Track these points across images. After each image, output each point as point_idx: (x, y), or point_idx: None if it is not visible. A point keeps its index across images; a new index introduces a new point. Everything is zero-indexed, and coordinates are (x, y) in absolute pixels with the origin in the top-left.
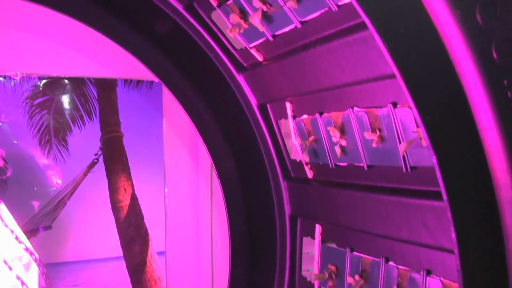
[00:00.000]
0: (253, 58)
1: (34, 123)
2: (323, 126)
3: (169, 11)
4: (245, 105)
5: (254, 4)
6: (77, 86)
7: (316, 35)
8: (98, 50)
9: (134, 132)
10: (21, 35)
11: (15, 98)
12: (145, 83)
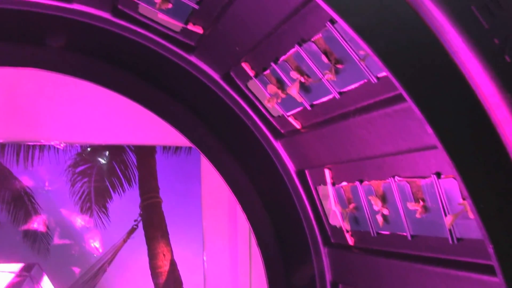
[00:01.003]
0: (290, 125)
1: (76, 190)
2: (363, 194)
3: (206, 80)
4: (283, 172)
5: (291, 75)
6: (117, 153)
7: (355, 105)
8: (137, 118)
9: (173, 198)
10: (64, 105)
11: (58, 167)
12: (183, 149)
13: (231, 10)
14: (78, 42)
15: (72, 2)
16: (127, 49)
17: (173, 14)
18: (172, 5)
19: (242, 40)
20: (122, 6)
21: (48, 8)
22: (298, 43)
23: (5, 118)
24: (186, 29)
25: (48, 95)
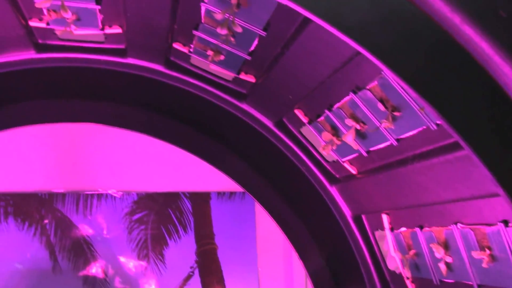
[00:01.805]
0: (346, 170)
1: (133, 237)
2: (424, 241)
3: (259, 127)
4: (339, 216)
5: (346, 122)
6: (173, 200)
7: (413, 151)
8: (191, 165)
9: (228, 243)
10: (120, 155)
11: (115, 214)
12: (237, 194)
13: (283, 60)
14: (132, 95)
15: (126, 56)
16: (180, 100)
17: (225, 65)
18: (224, 57)
19: (295, 88)
20: (175, 58)
21: (104, 64)
22: (352, 91)
23: (65, 169)
24: (238, 78)
25: (104, 146)
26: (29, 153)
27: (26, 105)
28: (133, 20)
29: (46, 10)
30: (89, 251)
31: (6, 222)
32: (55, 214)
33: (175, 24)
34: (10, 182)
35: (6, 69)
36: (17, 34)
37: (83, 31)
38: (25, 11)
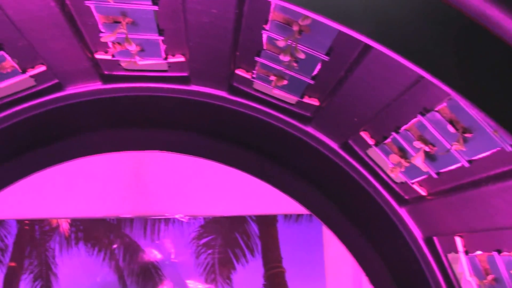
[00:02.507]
0: (415, 192)
1: (201, 262)
2: (503, 266)
3: (324, 150)
4: (409, 239)
5: (415, 145)
6: (239, 224)
7: (487, 173)
8: (257, 188)
9: (296, 266)
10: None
11: (182, 239)
12: (304, 217)
13: (348, 83)
14: (196, 122)
15: (190, 84)
16: (243, 125)
17: (288, 89)
18: (287, 82)
19: (360, 110)
20: (238, 84)
21: (168, 92)
22: (420, 113)
23: (132, 195)
24: (302, 101)
25: (171, 172)
26: (98, 179)
27: (93, 135)
28: (195, 48)
29: (111, 43)
30: (157, 275)
31: (77, 247)
32: (124, 239)
33: (237, 51)
34: (80, 208)
35: (74, 100)
36: (84, 67)
37: (147, 61)
38: (91, 45)
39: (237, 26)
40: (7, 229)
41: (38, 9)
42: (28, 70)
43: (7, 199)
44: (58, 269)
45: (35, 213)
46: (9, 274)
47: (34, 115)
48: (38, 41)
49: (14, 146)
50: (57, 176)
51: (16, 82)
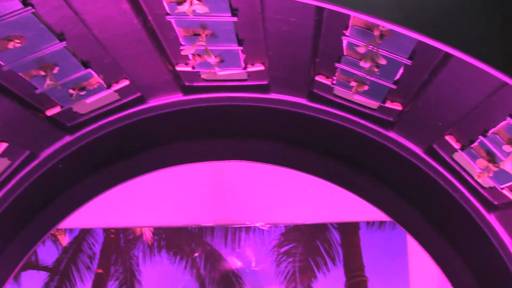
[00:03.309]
0: (505, 197)
1: (281, 270)
2: None
3: (407, 155)
4: (498, 246)
5: (504, 149)
6: (320, 232)
7: None
8: (338, 195)
9: (379, 276)
10: (266, 188)
11: (263, 247)
12: (388, 224)
13: (432, 86)
14: (276, 130)
15: (269, 92)
16: (324, 131)
17: (369, 94)
18: (368, 87)
19: (445, 114)
20: (317, 90)
21: (247, 101)
22: (510, 115)
23: (213, 203)
24: (384, 106)
25: (251, 180)
26: (180, 189)
27: (175, 146)
28: (275, 57)
29: (192, 55)
30: (238, 283)
31: (160, 255)
32: (205, 247)
33: (317, 58)
34: (162, 217)
35: (157, 112)
36: (165, 79)
37: (226, 71)
38: (172, 58)
39: (317, 33)
40: (95, 238)
41: (121, 27)
42: (112, 85)
43: (95, 209)
44: (142, 276)
45: (120, 222)
46: (96, 280)
47: (119, 128)
48: (122, 57)
49: (101, 158)
50: (140, 186)
51: (102, 97)
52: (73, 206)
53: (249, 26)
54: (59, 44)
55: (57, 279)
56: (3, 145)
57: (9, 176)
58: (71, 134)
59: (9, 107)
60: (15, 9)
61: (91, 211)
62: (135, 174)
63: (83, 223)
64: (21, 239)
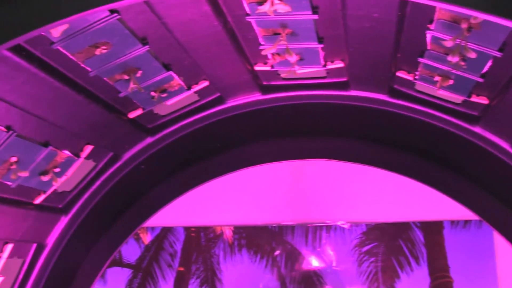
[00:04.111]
0: None
1: (363, 270)
2: None
3: (495, 150)
4: None
5: None
6: (403, 231)
7: None
8: (421, 193)
9: (465, 277)
10: (347, 186)
11: (344, 246)
12: (473, 223)
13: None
14: (355, 127)
15: (349, 89)
16: (405, 127)
17: (454, 89)
18: (453, 81)
19: None
20: (399, 86)
21: (326, 98)
22: None
23: (293, 202)
24: (469, 101)
25: (331, 178)
26: (260, 188)
27: (254, 146)
28: (355, 53)
29: (271, 55)
30: (319, 283)
31: (240, 253)
32: (285, 246)
33: (399, 53)
34: (242, 216)
35: (235, 112)
36: (244, 79)
37: (306, 69)
38: (251, 58)
39: (399, 28)
40: (176, 236)
41: (202, 29)
42: (192, 87)
43: (176, 207)
44: (223, 275)
45: (201, 221)
46: (178, 278)
47: (198, 129)
48: (202, 58)
49: (181, 158)
50: (220, 186)
51: (182, 99)
52: (156, 206)
53: (329, 24)
54: (142, 48)
55: (140, 276)
56: (88, 147)
57: (94, 178)
58: (152, 135)
59: (95, 111)
60: (102, 16)
61: (172, 210)
62: (216, 175)
63: (164, 221)
64: (106, 239)
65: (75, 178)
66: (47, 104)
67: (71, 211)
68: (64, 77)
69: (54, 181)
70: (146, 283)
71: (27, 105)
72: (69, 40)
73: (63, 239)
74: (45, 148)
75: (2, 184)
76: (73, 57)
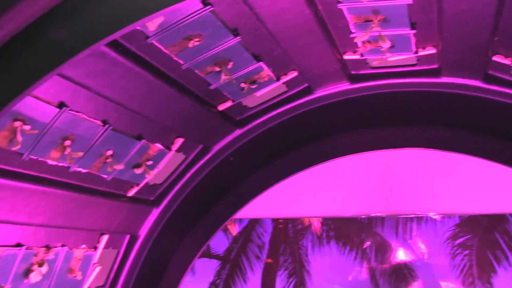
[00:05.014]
0: None
1: (456, 264)
2: None
3: None
4: None
5: None
6: (499, 223)
7: None
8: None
9: None
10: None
11: (436, 239)
12: None
13: None
14: (447, 115)
15: (440, 76)
16: (501, 114)
17: None
18: None
19: None
20: (494, 71)
21: (416, 86)
22: None
23: (383, 193)
24: None
25: (422, 168)
26: (348, 178)
27: (343, 136)
28: (449, 38)
29: (362, 43)
30: (410, 276)
31: (329, 245)
32: (375, 238)
33: (496, 36)
34: (331, 207)
35: (323, 102)
36: (332, 69)
37: (397, 56)
38: (340, 46)
39: (499, 9)
40: (264, 228)
41: (293, 18)
42: (281, 77)
43: (263, 199)
44: (311, 267)
45: (289, 213)
46: (266, 270)
47: (286, 120)
48: (292, 48)
49: (270, 150)
50: (308, 176)
51: (271, 90)
52: (245, 198)
53: (422, 9)
54: (234, 40)
55: (228, 267)
56: (179, 140)
57: (184, 170)
58: (241, 127)
59: (186, 104)
60: (196, 9)
61: (260, 201)
62: (305, 166)
63: (252, 213)
64: (197, 231)
65: (166, 170)
66: (141, 98)
67: (162, 204)
68: (157, 71)
69: (147, 174)
70: (234, 274)
71: (122, 99)
72: (163, 34)
73: (155, 231)
74: (138, 141)
75: (98, 177)
76: (166, 51)
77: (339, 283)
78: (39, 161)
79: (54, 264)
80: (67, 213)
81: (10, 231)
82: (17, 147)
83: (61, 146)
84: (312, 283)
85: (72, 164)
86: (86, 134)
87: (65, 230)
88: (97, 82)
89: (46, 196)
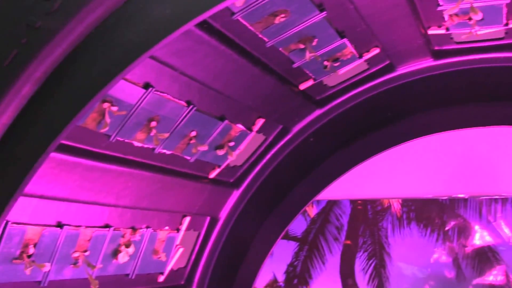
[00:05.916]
0: None
1: None
2: None
3: None
4: None
5: None
6: None
7: None
8: None
9: None
10: None
11: None
12: None
13: None
14: None
15: None
16: None
17: None
18: None
19: None
20: None
21: (503, 61)
22: None
23: (466, 174)
24: None
25: (507, 147)
26: (429, 158)
27: (426, 114)
28: None
29: (448, 16)
30: (494, 259)
31: (409, 227)
32: (458, 220)
33: None
34: (411, 188)
35: (406, 79)
36: (416, 44)
37: (486, 30)
38: (425, 21)
39: None
40: (342, 209)
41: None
42: (364, 55)
43: (341, 180)
44: (391, 249)
45: (368, 194)
46: (345, 251)
47: (367, 99)
48: (377, 24)
49: (351, 130)
50: (387, 156)
51: (352, 68)
52: (326, 180)
53: None
54: (319, 15)
55: (306, 249)
56: (260, 121)
57: (264, 151)
58: (321, 107)
59: (269, 83)
60: None
61: (338, 182)
62: (387, 146)
63: (330, 194)
64: (277, 213)
65: (246, 152)
66: (224, 77)
67: (242, 185)
68: (241, 49)
69: (229, 155)
70: (313, 255)
71: (206, 78)
72: (249, 10)
73: (235, 213)
74: (221, 122)
75: (182, 158)
76: (251, 28)
77: (420, 265)
78: (126, 142)
79: (140, 245)
80: (152, 194)
81: (99, 212)
82: (105, 129)
83: (147, 127)
84: (392, 264)
85: (157, 146)
86: (171, 115)
87: (149, 211)
88: (182, 61)
89: (132, 178)
